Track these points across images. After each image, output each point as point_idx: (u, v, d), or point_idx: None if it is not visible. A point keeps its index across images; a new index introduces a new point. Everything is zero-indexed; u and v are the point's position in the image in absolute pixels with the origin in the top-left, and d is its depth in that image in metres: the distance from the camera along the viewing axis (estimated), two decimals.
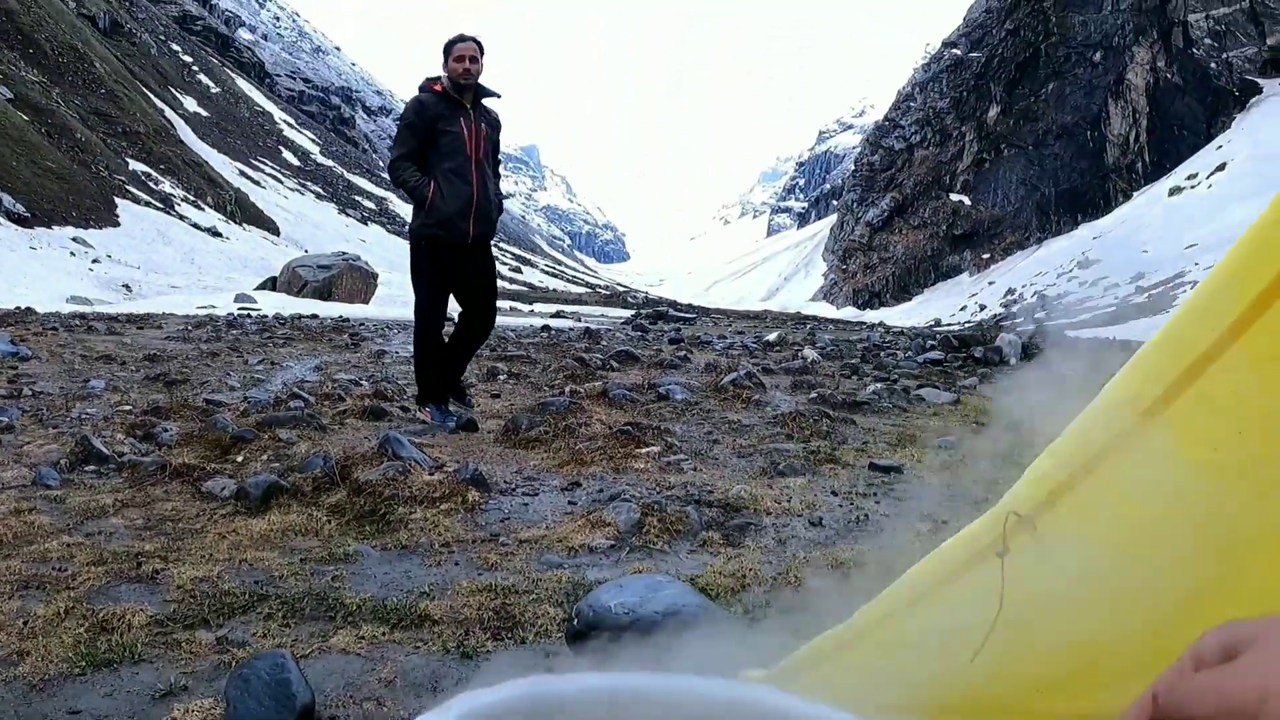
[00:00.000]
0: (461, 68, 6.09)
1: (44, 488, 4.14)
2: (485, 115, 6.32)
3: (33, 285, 24.17)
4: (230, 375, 8.52)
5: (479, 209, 6.15)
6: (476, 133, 6.15)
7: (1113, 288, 50.04)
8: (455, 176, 6.08)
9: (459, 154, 6.10)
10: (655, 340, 14.77)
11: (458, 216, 6.08)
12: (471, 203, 6.11)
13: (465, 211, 6.10)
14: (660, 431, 5.48)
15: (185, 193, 52.63)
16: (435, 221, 6.09)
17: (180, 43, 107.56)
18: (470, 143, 6.12)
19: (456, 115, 6.14)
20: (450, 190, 6.08)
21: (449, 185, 6.08)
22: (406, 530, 3.56)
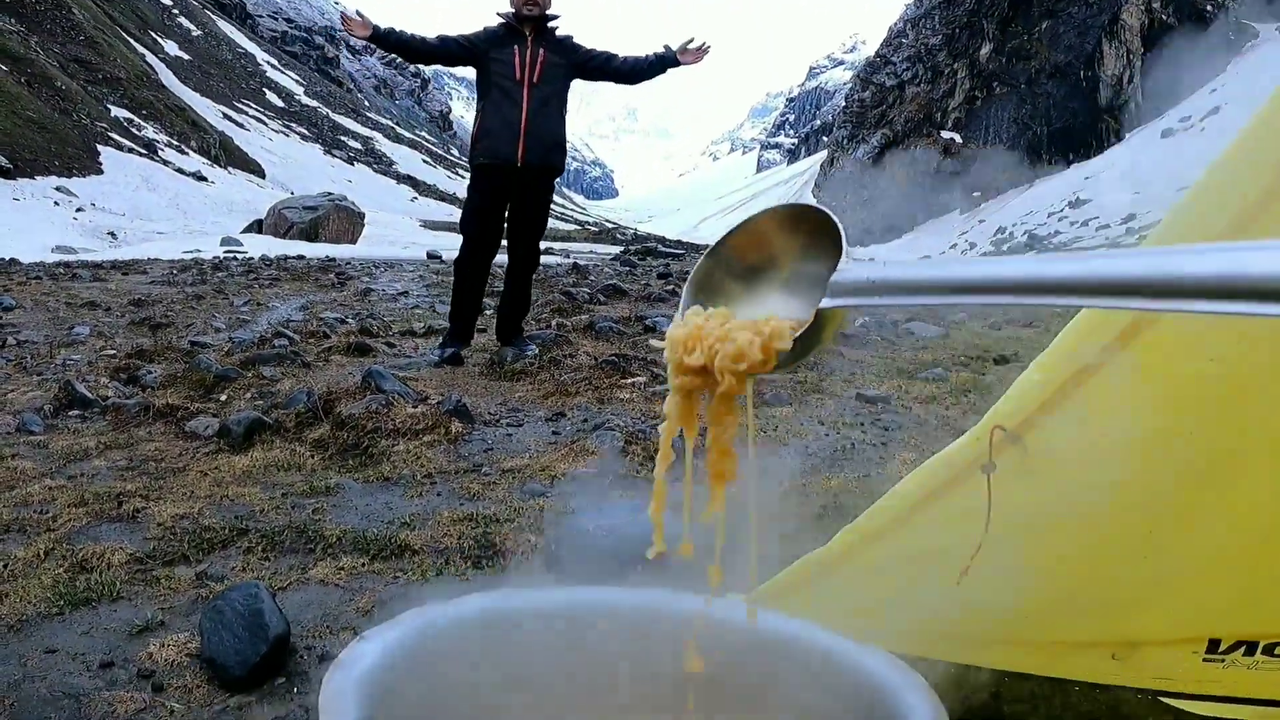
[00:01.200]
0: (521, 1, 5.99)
1: (28, 433, 4.12)
2: (551, 43, 6.09)
3: (17, 237, 23.95)
4: (215, 317, 8.48)
5: (529, 133, 5.88)
6: (533, 59, 5.93)
7: (1103, 228, 50.06)
8: (504, 98, 5.89)
9: (508, 79, 5.92)
10: (643, 275, 14.75)
11: (502, 140, 5.88)
12: (519, 126, 5.86)
13: (512, 134, 5.86)
14: (646, 363, 5.46)
15: (169, 138, 52.13)
16: (481, 147, 5.97)
17: None
18: (523, 69, 5.92)
19: (511, 43, 5.99)
20: (496, 112, 5.92)
21: (495, 108, 5.92)
22: (389, 463, 3.55)
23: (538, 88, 5.91)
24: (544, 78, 5.94)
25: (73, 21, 56.85)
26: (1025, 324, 9.23)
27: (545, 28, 6.06)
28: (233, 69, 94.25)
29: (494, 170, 5.92)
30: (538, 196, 6.14)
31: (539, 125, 5.90)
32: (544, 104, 5.94)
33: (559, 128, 6.12)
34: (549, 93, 5.98)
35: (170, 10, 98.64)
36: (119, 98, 52.96)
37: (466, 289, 6.15)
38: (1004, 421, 1.29)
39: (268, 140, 72.89)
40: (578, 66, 6.16)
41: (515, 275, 6.28)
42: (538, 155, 5.92)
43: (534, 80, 5.90)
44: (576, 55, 6.16)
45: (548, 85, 5.97)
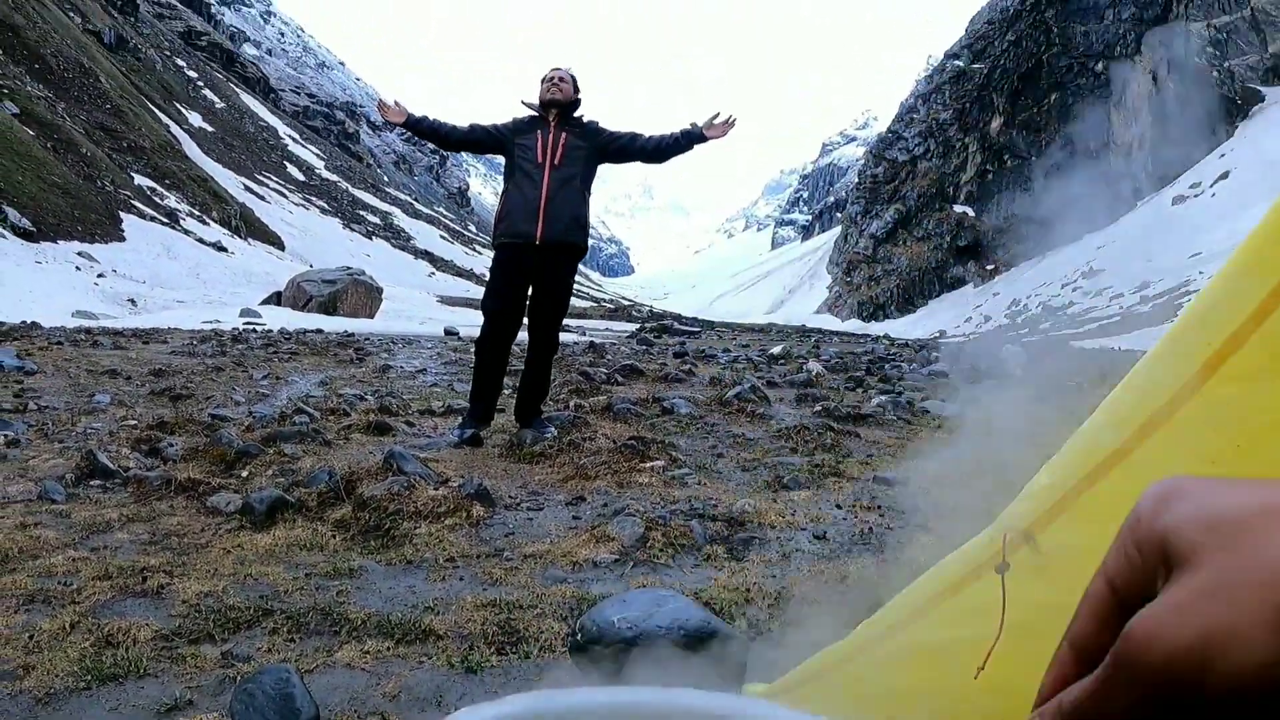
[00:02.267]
0: (548, 85, 6.17)
1: (49, 502, 4.13)
2: (574, 128, 6.20)
3: (38, 300, 24.20)
4: (235, 390, 8.52)
5: (549, 211, 5.93)
6: (555, 142, 6.04)
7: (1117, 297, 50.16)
8: (525, 179, 6.00)
9: (530, 162, 6.02)
10: (660, 354, 14.77)
11: (522, 217, 5.93)
12: (538, 204, 5.93)
13: (530, 213, 5.92)
14: (664, 446, 5.48)
15: (190, 207, 52.75)
16: (502, 227, 6.04)
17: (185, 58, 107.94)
18: (545, 152, 6.02)
19: (535, 129, 6.13)
20: (517, 193, 6.01)
21: (516, 189, 6.03)
22: (411, 545, 3.57)
23: (559, 169, 5.99)
24: (565, 160, 6.02)
25: (99, 90, 57.83)
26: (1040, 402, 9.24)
27: (569, 114, 6.19)
28: (255, 141, 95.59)
29: (513, 249, 5.97)
30: (558, 276, 6.11)
31: (559, 204, 5.95)
32: (564, 184, 6.00)
33: (580, 207, 6.11)
34: (570, 174, 6.03)
35: (195, 82, 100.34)
36: (143, 166, 53.70)
37: (486, 369, 6.15)
38: (1016, 523, 1.35)
39: (288, 213, 73.64)
40: (601, 150, 6.24)
41: (535, 356, 6.23)
42: (557, 232, 5.93)
43: (555, 162, 5.99)
44: (600, 138, 6.23)
45: (569, 167, 6.04)
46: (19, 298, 23.72)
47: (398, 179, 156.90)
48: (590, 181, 6.31)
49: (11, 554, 3.33)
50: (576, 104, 6.28)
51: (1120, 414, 1.26)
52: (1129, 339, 29.36)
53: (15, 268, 27.59)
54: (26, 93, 47.26)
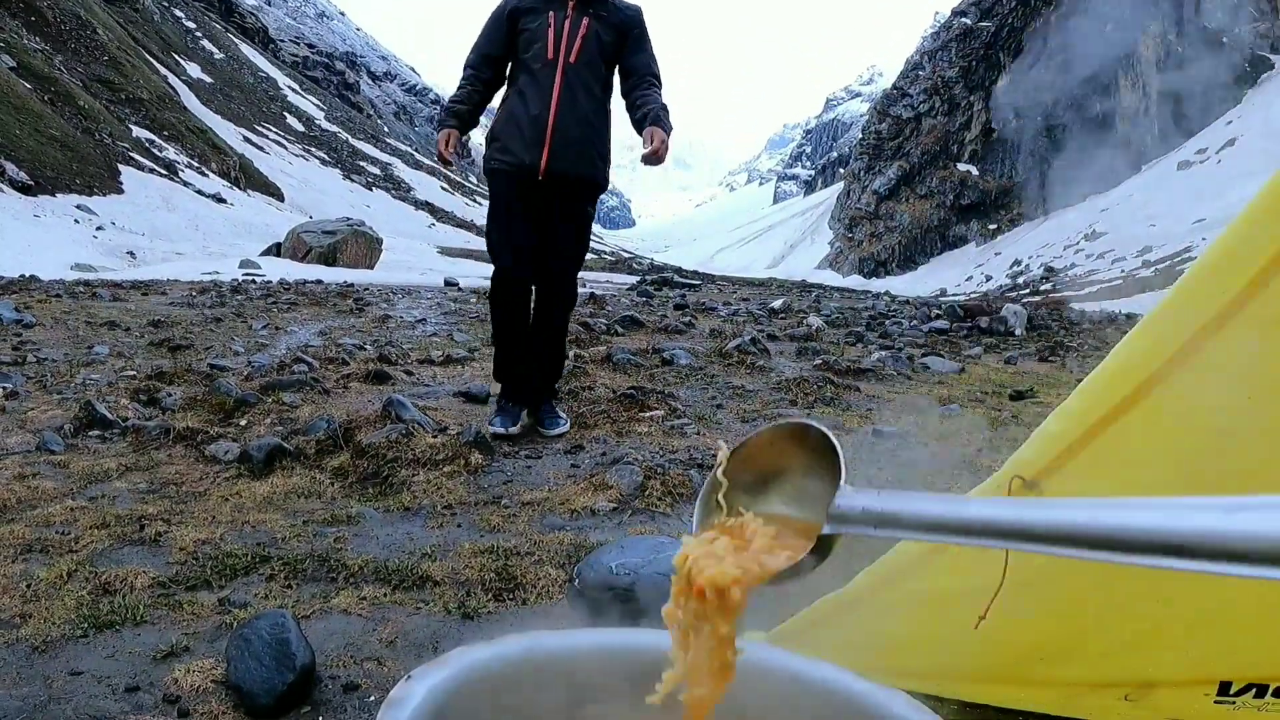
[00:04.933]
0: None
1: (48, 453, 4.13)
2: (602, 7, 4.65)
3: (37, 253, 24.14)
4: (234, 340, 8.51)
5: (556, 132, 4.48)
6: (571, 29, 4.53)
7: (1119, 261, 50.15)
8: (530, 84, 4.55)
9: (537, 59, 4.54)
10: (660, 306, 14.76)
11: (520, 141, 4.52)
12: (545, 124, 4.48)
13: (533, 135, 4.49)
14: (664, 396, 5.48)
15: (189, 159, 52.50)
16: (495, 147, 4.64)
17: (183, 8, 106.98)
18: (557, 42, 4.52)
19: (547, 7, 4.59)
20: (517, 106, 4.58)
21: (517, 99, 4.59)
22: (409, 492, 3.58)
23: (574, 68, 4.54)
24: (584, 54, 4.56)
25: (97, 42, 57.43)
26: (1040, 360, 9.25)
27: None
28: (254, 93, 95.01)
29: (509, 180, 4.61)
30: (570, 215, 4.71)
31: (572, 123, 4.54)
32: (581, 92, 4.58)
33: (600, 130, 4.71)
34: (589, 77, 4.60)
35: (194, 33, 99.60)
36: (141, 118, 53.41)
37: (508, 332, 4.79)
38: (1023, 470, 1.33)
39: (287, 164, 73.35)
40: (622, 53, 4.75)
41: (543, 317, 4.82)
42: (567, 163, 4.55)
43: (571, 60, 4.53)
44: (628, 39, 4.74)
45: (589, 67, 4.59)
46: (17, 251, 23.68)
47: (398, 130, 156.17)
48: (611, 88, 4.83)
49: (9, 504, 3.34)
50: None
51: (1131, 362, 1.23)
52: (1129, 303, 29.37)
53: (13, 221, 27.53)
54: (23, 45, 46.95)
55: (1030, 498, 1.17)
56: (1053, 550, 0.63)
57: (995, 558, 1.34)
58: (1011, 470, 1.35)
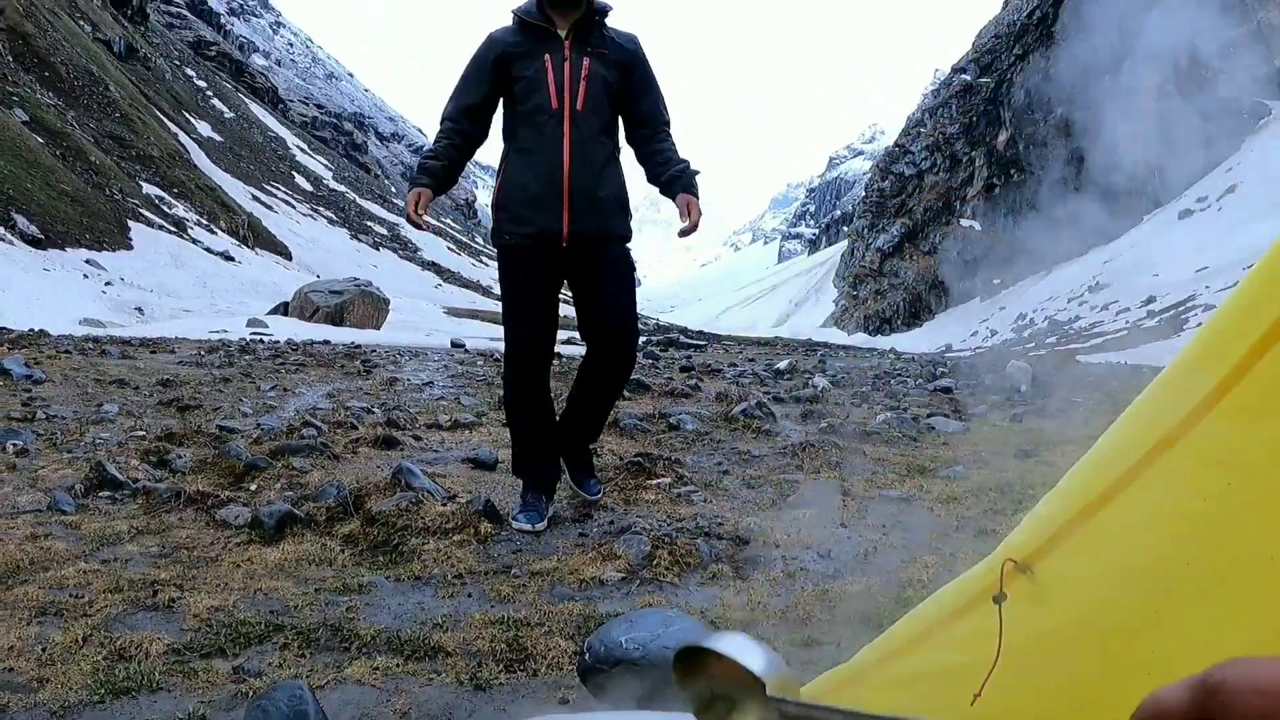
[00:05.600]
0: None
1: (59, 513, 4.17)
2: (600, 44, 4.16)
3: (46, 307, 24.26)
4: (243, 401, 8.54)
5: (574, 191, 4.03)
6: (572, 72, 4.04)
7: (1124, 312, 50.17)
8: (534, 140, 4.07)
9: (541, 111, 4.04)
10: (666, 368, 14.80)
11: (536, 206, 4.07)
12: (560, 183, 4.02)
13: (549, 198, 4.04)
14: (671, 462, 5.51)
15: (198, 217, 52.78)
16: (506, 217, 4.16)
17: (195, 68, 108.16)
18: (559, 89, 4.03)
19: (540, 49, 4.07)
20: (523, 166, 4.11)
21: (522, 160, 4.11)
22: (420, 561, 3.61)
23: (584, 118, 4.07)
24: (589, 99, 4.08)
25: (109, 98, 57.99)
26: (1046, 416, 9.28)
27: (590, 21, 4.17)
28: (263, 152, 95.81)
29: (528, 253, 4.15)
30: (608, 266, 4.24)
31: (590, 175, 4.08)
32: (595, 143, 4.12)
33: (618, 177, 4.27)
34: (598, 123, 4.13)
35: (204, 92, 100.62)
36: (151, 175, 53.80)
37: (529, 428, 4.36)
38: (1015, 554, 1.39)
39: (295, 223, 73.76)
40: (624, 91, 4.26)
41: (606, 374, 4.40)
42: (593, 224, 4.11)
43: (578, 107, 4.05)
44: (632, 78, 4.27)
45: (597, 114, 4.12)
46: (27, 304, 23.80)
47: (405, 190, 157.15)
48: (618, 131, 4.35)
49: (23, 565, 3.37)
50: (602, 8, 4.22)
51: (1118, 448, 1.30)
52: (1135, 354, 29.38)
53: (23, 274, 27.68)
54: (36, 100, 47.43)
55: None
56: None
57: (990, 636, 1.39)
58: (1004, 553, 1.41)
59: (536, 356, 4.28)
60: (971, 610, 1.46)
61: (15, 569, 3.33)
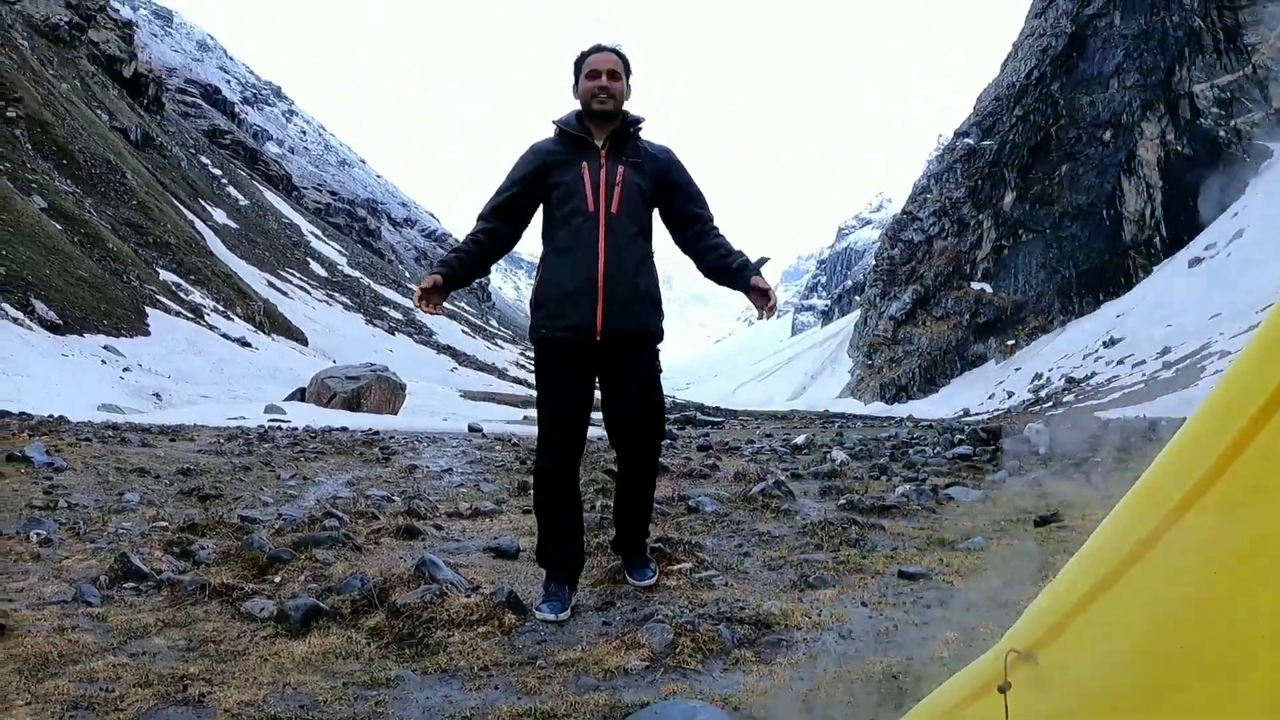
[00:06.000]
0: (596, 86, 4.38)
1: (85, 604, 4.20)
2: (634, 154, 4.48)
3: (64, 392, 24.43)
4: (264, 490, 8.60)
5: (608, 288, 4.26)
6: (608, 178, 4.34)
7: (1140, 364, 50.04)
8: (572, 241, 4.33)
9: (578, 214, 4.33)
10: (684, 448, 14.81)
11: (571, 302, 4.30)
12: (595, 281, 4.26)
13: (584, 295, 4.28)
14: (691, 546, 5.54)
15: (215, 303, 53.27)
16: (543, 313, 4.40)
17: (210, 156, 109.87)
18: (595, 193, 4.33)
19: (578, 158, 4.40)
20: (560, 266, 4.36)
21: (559, 259, 4.36)
22: (445, 654, 3.63)
23: (618, 221, 4.34)
24: (625, 205, 4.37)
25: (126, 186, 58.83)
26: (1065, 479, 9.26)
27: (625, 132, 4.50)
28: (278, 238, 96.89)
29: (564, 346, 4.37)
30: (638, 375, 4.51)
31: (624, 276, 4.33)
32: (628, 245, 4.37)
33: (651, 277, 4.51)
34: (633, 228, 4.40)
35: (220, 180, 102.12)
36: (168, 262, 54.41)
37: (557, 512, 4.52)
38: (1018, 644, 1.46)
39: (311, 309, 74.37)
40: (662, 198, 4.58)
41: (630, 475, 4.71)
42: (626, 321, 4.35)
43: (613, 211, 4.33)
44: (667, 184, 4.57)
45: (632, 218, 4.40)
46: (45, 390, 23.98)
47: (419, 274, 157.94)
48: (652, 235, 4.60)
49: (52, 658, 3.41)
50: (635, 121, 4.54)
51: (1109, 543, 1.37)
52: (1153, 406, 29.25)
53: (42, 359, 27.93)
54: (55, 187, 48.14)
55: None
56: None
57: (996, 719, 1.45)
58: (1008, 643, 1.47)
59: (567, 444, 4.46)
60: (978, 699, 1.52)
61: (45, 661, 3.37)
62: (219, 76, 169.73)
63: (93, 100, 74.72)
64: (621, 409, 4.53)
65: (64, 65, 74.08)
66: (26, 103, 52.73)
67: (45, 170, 49.90)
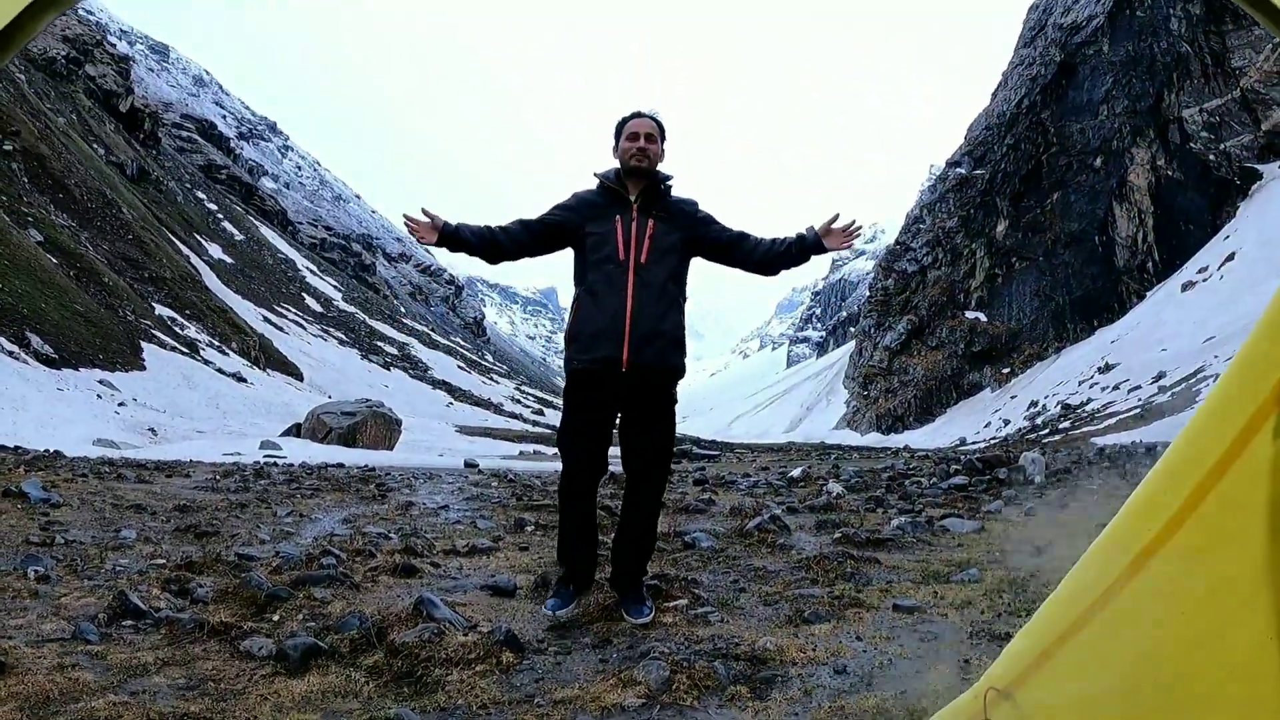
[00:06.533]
0: (635, 147, 4.94)
1: (84, 642, 4.21)
2: (663, 209, 5.03)
3: (59, 427, 24.46)
4: (260, 528, 8.59)
5: (634, 327, 4.78)
6: (640, 231, 4.89)
7: (1135, 389, 50.11)
8: (605, 285, 4.86)
9: (610, 261, 4.87)
10: (679, 483, 14.82)
11: (601, 338, 4.82)
12: (623, 320, 4.79)
13: (612, 333, 4.80)
14: (687, 583, 5.57)
15: (210, 338, 53.30)
16: (576, 347, 4.94)
17: (205, 190, 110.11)
18: (626, 244, 4.88)
19: (612, 210, 4.97)
20: (594, 303, 4.88)
21: (591, 300, 4.89)
22: (444, 692, 3.65)
23: (646, 269, 4.88)
24: (653, 255, 4.92)
25: (122, 220, 58.99)
26: (1061, 508, 9.29)
27: (656, 189, 5.04)
28: (273, 273, 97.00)
29: (593, 377, 4.88)
30: (656, 404, 4.99)
31: (649, 318, 4.84)
32: (655, 290, 4.89)
33: (676, 320, 4.99)
34: (661, 275, 4.92)
35: (215, 215, 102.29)
36: (163, 296, 54.50)
37: (573, 522, 5.09)
38: (996, 683, 1.51)
39: (306, 344, 74.33)
40: (696, 241, 5.10)
41: (633, 507, 5.13)
42: (649, 356, 4.85)
43: (641, 260, 4.88)
44: (696, 228, 5.11)
45: (659, 266, 4.93)
46: (41, 424, 24.00)
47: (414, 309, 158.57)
48: (685, 282, 5.14)
49: (53, 696, 3.42)
50: (665, 179, 5.08)
51: (1082, 586, 1.43)
52: (1149, 431, 29.28)
53: (37, 393, 27.95)
54: (51, 221, 48.30)
55: None
56: None
57: None
58: (986, 683, 1.53)
59: (588, 463, 5.00)
60: None
61: (45, 700, 3.38)
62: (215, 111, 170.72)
63: (89, 134, 75.06)
64: (639, 434, 5.00)
65: (61, 99, 74.53)
66: (23, 136, 52.99)
67: (41, 204, 50.10)
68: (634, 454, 5.04)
